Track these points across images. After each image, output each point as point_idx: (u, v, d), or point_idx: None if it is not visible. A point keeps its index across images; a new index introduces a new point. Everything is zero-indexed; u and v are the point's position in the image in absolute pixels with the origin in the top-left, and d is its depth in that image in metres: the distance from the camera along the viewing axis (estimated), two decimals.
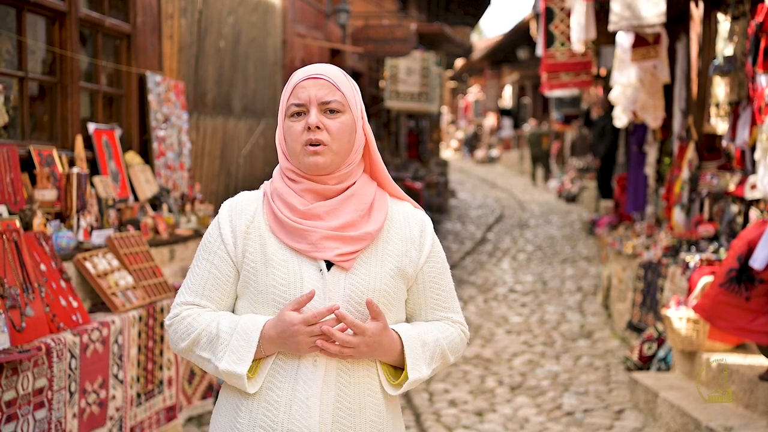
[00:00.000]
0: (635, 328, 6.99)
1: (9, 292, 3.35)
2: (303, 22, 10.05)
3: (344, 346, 1.82)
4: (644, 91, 8.21)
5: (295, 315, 1.82)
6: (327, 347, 1.82)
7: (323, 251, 1.87)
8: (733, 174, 6.32)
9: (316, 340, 1.82)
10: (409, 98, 13.66)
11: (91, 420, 3.81)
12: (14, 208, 4.00)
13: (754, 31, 5.10)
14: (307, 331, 1.81)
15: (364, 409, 1.89)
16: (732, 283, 4.70)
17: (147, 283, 4.59)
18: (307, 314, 1.81)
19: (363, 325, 1.83)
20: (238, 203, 1.97)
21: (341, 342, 1.82)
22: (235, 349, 1.84)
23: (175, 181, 6.12)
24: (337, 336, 1.81)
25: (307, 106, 1.89)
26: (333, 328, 1.81)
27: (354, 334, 1.83)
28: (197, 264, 1.97)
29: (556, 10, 10.04)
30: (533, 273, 10.52)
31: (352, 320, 1.82)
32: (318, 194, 1.91)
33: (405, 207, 2.02)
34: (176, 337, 1.93)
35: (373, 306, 1.83)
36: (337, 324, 1.83)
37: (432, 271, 2.00)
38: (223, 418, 1.93)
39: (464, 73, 31.95)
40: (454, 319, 2.04)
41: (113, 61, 5.72)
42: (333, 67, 1.96)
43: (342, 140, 1.90)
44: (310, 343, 1.82)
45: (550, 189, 19.33)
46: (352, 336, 1.82)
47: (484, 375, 6.38)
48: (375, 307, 1.84)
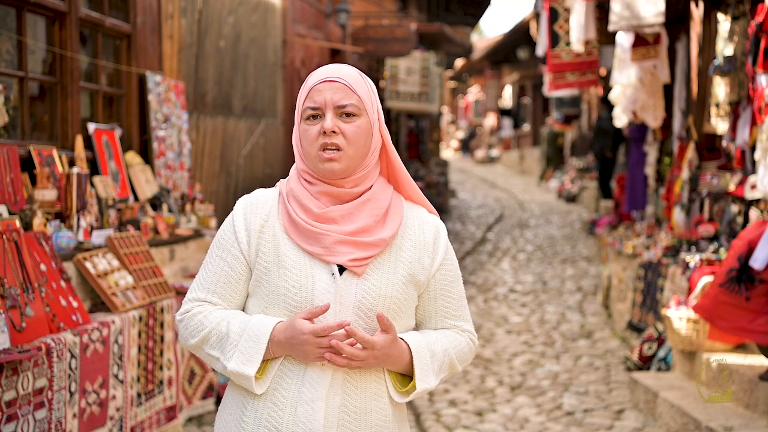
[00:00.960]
0: (635, 328, 6.99)
1: (9, 292, 3.35)
2: (303, 22, 10.05)
3: (352, 360, 1.82)
4: (644, 91, 8.21)
5: (306, 324, 1.81)
6: (335, 360, 1.81)
7: (336, 255, 1.86)
8: (733, 174, 6.32)
9: (324, 353, 1.81)
10: (409, 98, 13.66)
11: (92, 420, 3.81)
12: (14, 208, 4.00)
13: (754, 31, 5.10)
14: (315, 342, 1.80)
15: (369, 413, 1.89)
16: (732, 283, 4.70)
17: (147, 283, 4.59)
18: (317, 326, 1.80)
19: (372, 339, 1.82)
20: (253, 201, 1.95)
21: (350, 356, 1.81)
22: (244, 350, 1.84)
23: (175, 181, 6.12)
24: (346, 350, 1.80)
25: (323, 110, 1.88)
26: (342, 343, 1.80)
27: (363, 348, 1.82)
28: (210, 260, 1.96)
29: (560, 10, 10.04)
30: (533, 273, 10.52)
31: (362, 335, 1.81)
32: (334, 197, 1.90)
33: (420, 212, 2.00)
34: (186, 333, 1.93)
35: (383, 320, 1.82)
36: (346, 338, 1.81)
37: (444, 279, 1.99)
38: (229, 416, 1.93)
39: (464, 73, 31.93)
40: (463, 328, 2.02)
41: (113, 61, 5.72)
42: (349, 69, 1.94)
43: (358, 144, 1.88)
44: (317, 354, 1.81)
45: (550, 189, 19.32)
46: (361, 350, 1.81)
47: (484, 375, 6.38)
48: (386, 320, 1.83)
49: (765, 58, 4.93)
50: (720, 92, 6.50)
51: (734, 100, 6.15)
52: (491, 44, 25.07)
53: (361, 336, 1.80)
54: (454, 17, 18.74)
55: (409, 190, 2.01)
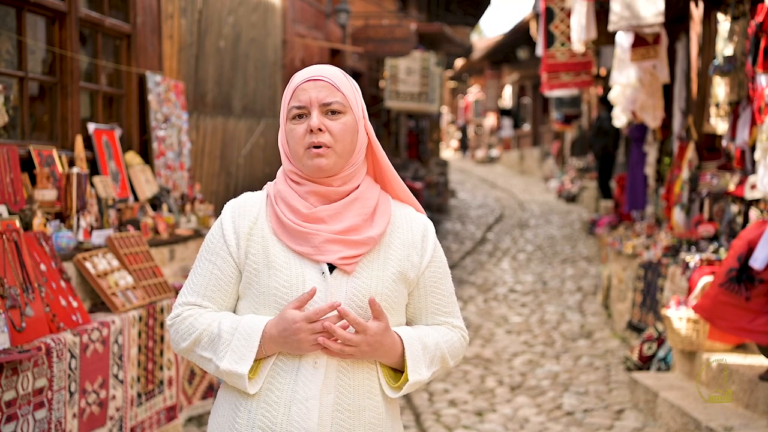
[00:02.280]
0: (635, 328, 6.99)
1: (9, 292, 3.35)
2: (303, 22, 10.05)
3: (346, 344, 1.82)
4: (644, 91, 8.21)
5: (297, 312, 1.81)
6: (328, 345, 1.81)
7: (326, 254, 1.87)
8: (733, 174, 6.32)
9: (318, 338, 1.82)
10: (409, 98, 13.66)
11: (92, 420, 3.81)
12: (14, 208, 4.00)
13: (754, 31, 5.10)
14: (308, 328, 1.80)
15: (363, 411, 1.89)
16: (732, 283, 4.70)
17: (147, 283, 4.59)
18: (309, 311, 1.81)
19: (365, 323, 1.82)
20: (241, 204, 1.97)
21: (343, 339, 1.81)
22: (237, 349, 1.84)
23: (175, 181, 6.12)
24: (339, 333, 1.81)
25: (309, 108, 1.89)
26: (335, 325, 1.81)
27: (356, 332, 1.82)
28: (199, 264, 1.96)
29: (557, 10, 10.05)
30: (533, 273, 10.52)
31: (355, 317, 1.81)
32: (322, 196, 1.91)
33: (408, 211, 2.02)
34: (177, 337, 1.93)
35: (375, 305, 1.83)
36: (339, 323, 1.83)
37: (433, 275, 2.00)
38: (222, 418, 1.93)
39: (464, 73, 31.92)
40: (454, 324, 2.04)
41: (113, 61, 5.72)
42: (333, 68, 1.96)
43: (344, 141, 1.90)
44: (311, 341, 1.82)
45: (550, 189, 19.32)
46: (354, 334, 1.82)
47: (484, 375, 6.38)
48: (377, 306, 1.83)
49: (765, 58, 4.93)
50: (720, 92, 6.50)
51: (734, 100, 6.15)
52: (491, 44, 25.07)
53: (353, 318, 1.81)
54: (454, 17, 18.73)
55: (397, 189, 2.02)
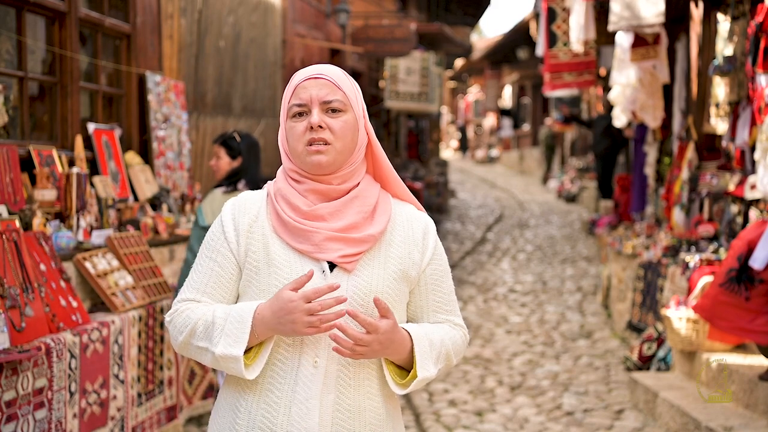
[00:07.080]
0: (635, 328, 6.99)
1: (9, 292, 3.35)
2: (303, 22, 10.05)
3: (357, 344, 1.78)
4: (644, 91, 8.21)
5: (293, 292, 1.78)
6: (340, 342, 1.77)
7: (326, 252, 1.86)
8: (733, 174, 6.32)
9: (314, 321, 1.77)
10: (409, 98, 13.66)
11: (92, 420, 3.81)
12: (14, 208, 4.00)
13: (754, 31, 5.10)
14: (305, 308, 1.76)
15: (363, 411, 1.88)
16: (732, 283, 4.70)
17: (147, 283, 4.59)
18: (307, 290, 1.77)
19: (376, 322, 1.79)
20: (241, 202, 1.97)
21: (354, 339, 1.78)
22: (230, 332, 1.82)
23: (175, 181, 6.12)
24: (350, 332, 1.77)
25: (309, 106, 1.89)
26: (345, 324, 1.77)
27: (367, 332, 1.79)
28: (200, 262, 1.96)
29: (558, 10, 10.05)
30: (533, 273, 10.52)
31: (365, 318, 1.78)
32: (322, 194, 1.91)
33: (408, 209, 2.02)
34: (175, 331, 1.92)
35: (381, 304, 1.80)
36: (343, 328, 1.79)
37: (434, 274, 1.99)
38: (222, 419, 1.92)
39: (464, 73, 31.92)
40: (455, 322, 2.03)
41: (113, 61, 5.72)
42: (333, 67, 1.96)
43: (345, 139, 1.89)
44: (305, 324, 1.77)
45: (550, 189, 19.32)
46: (366, 334, 1.79)
47: (484, 375, 6.38)
48: (383, 304, 1.81)
49: (765, 58, 4.93)
50: (720, 92, 6.51)
51: (734, 100, 6.15)
52: (491, 44, 25.06)
53: (363, 318, 1.78)
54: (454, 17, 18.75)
55: (396, 188, 2.02)
